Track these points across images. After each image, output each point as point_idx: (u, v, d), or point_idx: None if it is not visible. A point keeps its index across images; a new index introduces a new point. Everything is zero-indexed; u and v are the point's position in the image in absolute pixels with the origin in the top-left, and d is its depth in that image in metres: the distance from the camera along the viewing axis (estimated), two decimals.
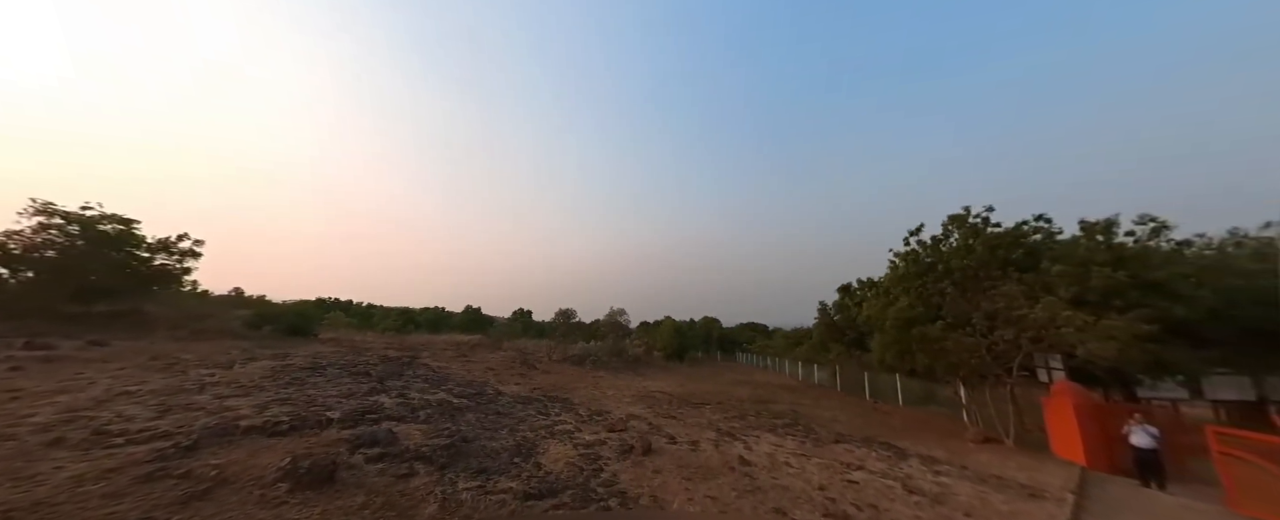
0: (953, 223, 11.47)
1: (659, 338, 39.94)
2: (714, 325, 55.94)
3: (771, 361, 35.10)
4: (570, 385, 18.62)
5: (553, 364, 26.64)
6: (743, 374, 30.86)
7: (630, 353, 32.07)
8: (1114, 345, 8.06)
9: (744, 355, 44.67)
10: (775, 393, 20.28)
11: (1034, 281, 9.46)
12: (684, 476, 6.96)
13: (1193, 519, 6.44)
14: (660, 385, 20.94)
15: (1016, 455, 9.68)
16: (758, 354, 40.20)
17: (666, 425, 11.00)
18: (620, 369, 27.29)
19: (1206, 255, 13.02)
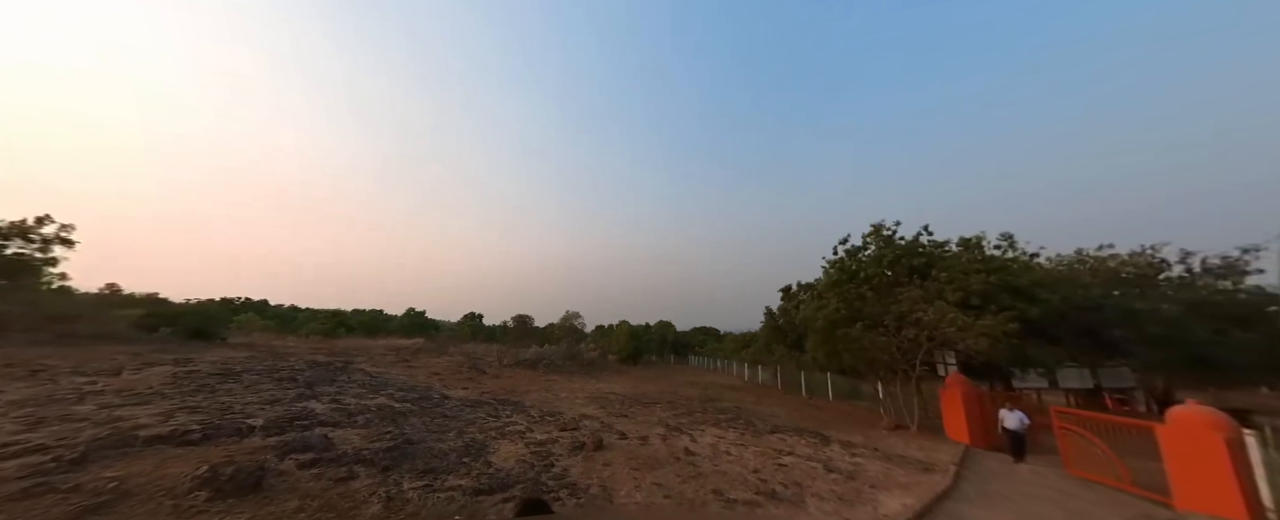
0: (871, 234, 13.12)
1: (615, 341, 40.18)
2: (669, 329, 57.23)
3: (721, 363, 36.74)
4: (522, 389, 18.30)
5: (504, 368, 25.89)
6: (694, 375, 32.01)
7: (585, 356, 31.98)
8: (986, 341, 9.77)
9: (696, 358, 46.21)
10: (722, 392, 21.38)
11: (930, 287, 11.16)
12: (632, 468, 7.34)
13: (1039, 481, 7.99)
14: (614, 387, 21.21)
15: (919, 438, 11.23)
16: (709, 356, 41.82)
17: (618, 423, 11.33)
18: (575, 372, 27.16)
19: (1058, 269, 16.05)
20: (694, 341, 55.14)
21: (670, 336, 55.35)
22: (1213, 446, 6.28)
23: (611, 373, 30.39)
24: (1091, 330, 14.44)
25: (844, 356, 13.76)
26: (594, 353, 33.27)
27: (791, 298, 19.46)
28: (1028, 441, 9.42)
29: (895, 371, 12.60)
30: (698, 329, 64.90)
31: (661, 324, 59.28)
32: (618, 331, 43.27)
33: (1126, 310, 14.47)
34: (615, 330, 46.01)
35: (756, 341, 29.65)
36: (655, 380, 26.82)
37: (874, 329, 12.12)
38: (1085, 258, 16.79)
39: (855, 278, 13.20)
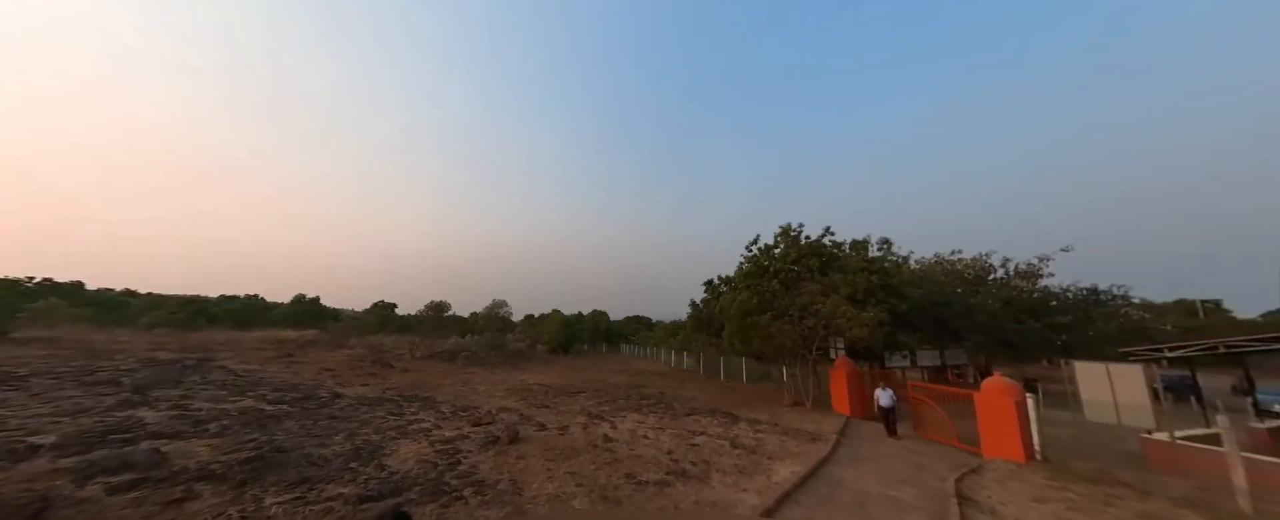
0: (780, 234, 14.53)
1: (545, 331, 39.11)
2: (602, 319, 57.37)
3: (650, 351, 37.96)
4: (434, 383, 16.92)
5: (416, 361, 23.67)
6: (623, 364, 32.63)
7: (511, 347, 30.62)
8: (867, 329, 11.48)
9: (628, 346, 47.15)
10: (649, 379, 22.12)
11: (826, 283, 12.75)
12: (548, 459, 7.22)
13: (897, 444, 9.64)
14: (539, 378, 20.67)
15: (812, 413, 12.83)
16: (640, 345, 42.93)
17: (539, 414, 11.07)
18: (499, 364, 25.88)
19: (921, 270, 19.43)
20: (627, 331, 56.11)
21: (604, 326, 55.57)
22: (1006, 408, 8.16)
23: (539, 363, 29.57)
24: (942, 320, 17.82)
25: (755, 343, 15.12)
26: (521, 343, 32.02)
27: (713, 289, 20.73)
28: (897, 415, 11.05)
29: (797, 355, 14.21)
30: (631, 318, 66.13)
31: (596, 313, 59.18)
32: (549, 321, 42.20)
33: (965, 304, 18.12)
34: (546, 320, 44.82)
35: (683, 330, 31.18)
36: (584, 369, 26.75)
37: (781, 318, 13.47)
38: (941, 261, 20.56)
39: (766, 272, 14.50)
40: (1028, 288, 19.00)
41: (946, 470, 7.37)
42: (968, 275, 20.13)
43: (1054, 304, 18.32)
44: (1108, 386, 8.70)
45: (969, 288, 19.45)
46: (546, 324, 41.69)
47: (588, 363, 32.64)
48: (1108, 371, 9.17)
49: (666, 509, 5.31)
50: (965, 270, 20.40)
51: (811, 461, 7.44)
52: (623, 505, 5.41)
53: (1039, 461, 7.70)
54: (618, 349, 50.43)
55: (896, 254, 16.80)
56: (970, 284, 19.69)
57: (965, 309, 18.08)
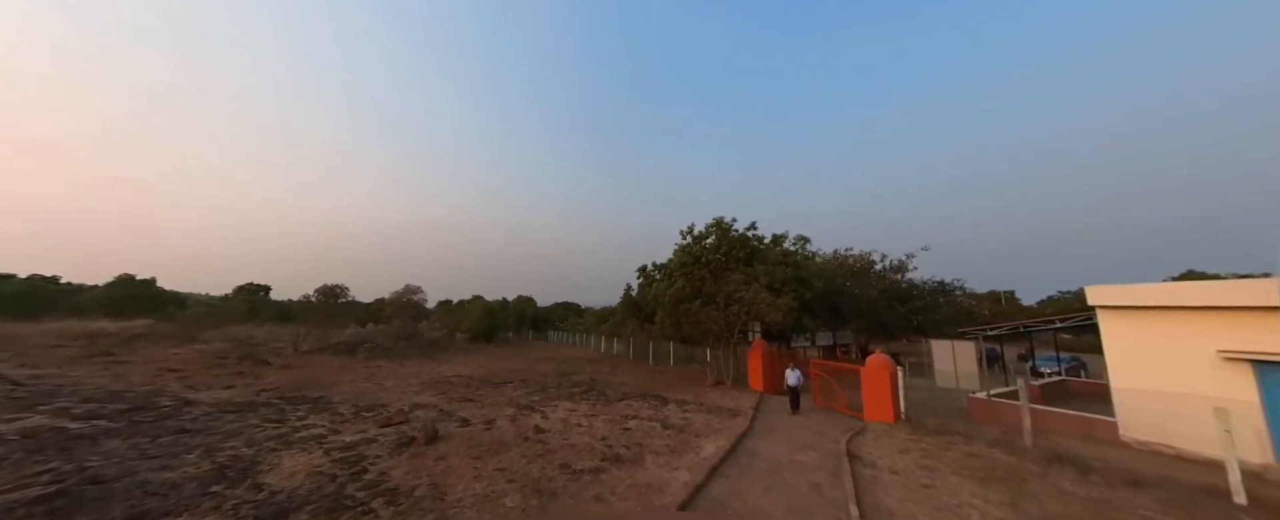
0: (713, 226, 15.43)
1: (466, 318, 36.28)
2: (529, 305, 55.14)
3: (580, 338, 37.72)
4: (328, 380, 14.65)
5: (301, 356, 20.20)
6: (552, 351, 31.93)
7: (425, 336, 27.82)
8: (781, 314, 12.85)
9: (557, 333, 46.17)
10: (579, 365, 22.00)
11: (750, 273, 13.95)
12: (473, 456, 6.74)
13: (802, 415, 11.03)
14: (460, 369, 19.21)
15: (732, 391, 14.02)
16: (569, 331, 42.35)
17: (461, 409, 10.28)
18: (410, 355, 23.36)
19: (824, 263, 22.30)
20: (555, 317, 54.81)
21: (530, 312, 53.49)
22: (882, 379, 9.86)
23: (459, 353, 27.44)
24: (835, 306, 20.78)
25: (685, 327, 15.97)
26: (438, 332, 29.26)
27: (647, 276, 21.25)
28: (802, 393, 11.86)
29: (721, 339, 15.36)
30: (560, 304, 64.67)
31: (522, 299, 56.61)
32: (470, 308, 39.21)
33: (852, 293, 21.36)
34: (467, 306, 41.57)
35: (614, 316, 31.51)
36: (510, 358, 25.55)
37: (709, 305, 14.35)
38: (838, 256, 23.82)
39: (698, 261, 15.30)
40: (898, 280, 23.04)
41: (839, 434, 8.66)
42: (856, 269, 23.67)
43: (914, 293, 22.54)
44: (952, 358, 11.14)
45: (856, 279, 22.91)
46: (467, 311, 38.71)
47: (513, 351, 31.24)
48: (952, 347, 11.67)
49: (598, 508, 5.34)
50: (854, 264, 23.95)
51: (733, 436, 8.14)
52: (558, 498, 5.30)
53: (903, 421, 9.48)
54: (545, 336, 49.15)
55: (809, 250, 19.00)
56: (856, 276, 23.20)
57: (852, 297, 21.30)
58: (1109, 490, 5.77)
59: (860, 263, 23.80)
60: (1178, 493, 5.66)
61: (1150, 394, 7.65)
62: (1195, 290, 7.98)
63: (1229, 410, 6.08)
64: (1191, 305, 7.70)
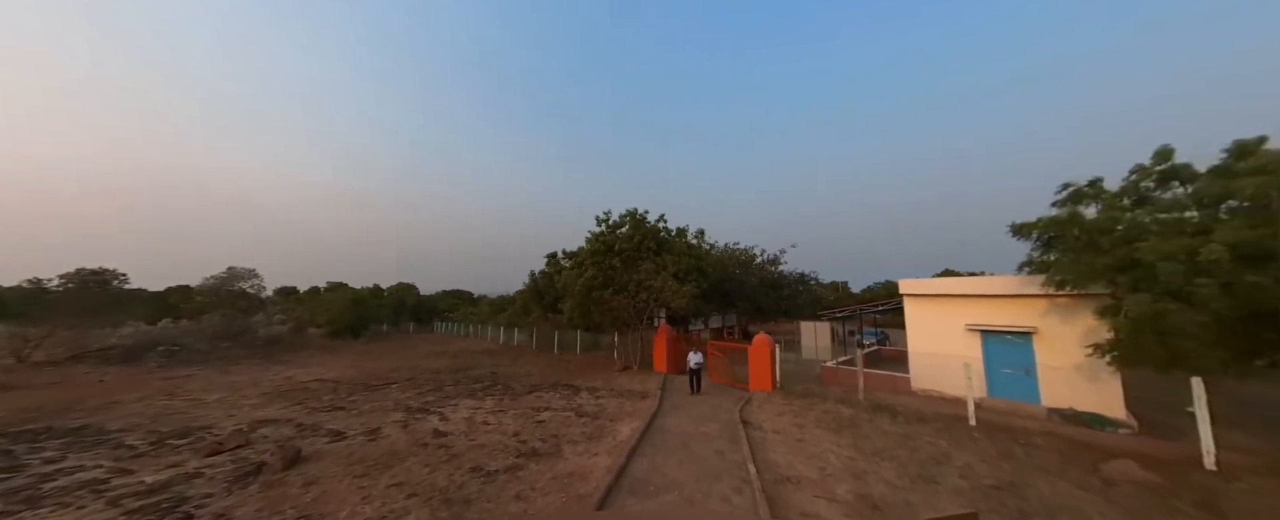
0: (627, 216, 15.79)
1: (325, 310, 29.78)
2: (410, 293, 48.08)
3: (475, 329, 34.66)
4: (99, 400, 10.56)
5: (35, 368, 14.08)
6: (441, 344, 28.64)
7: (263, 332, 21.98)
8: (684, 301, 14.00)
9: (446, 324, 41.43)
10: (477, 358, 20.28)
11: (659, 262, 14.80)
12: (357, 474, 5.75)
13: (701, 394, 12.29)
14: (321, 372, 15.85)
15: (639, 375, 14.76)
16: (462, 322, 38.47)
17: (329, 421, 8.58)
18: (239, 358, 18.20)
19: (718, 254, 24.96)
20: (444, 306, 49.02)
21: (411, 302, 46.73)
22: (764, 355, 11.65)
23: (317, 352, 22.52)
24: (726, 292, 23.52)
25: (595, 315, 16.08)
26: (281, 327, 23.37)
27: (555, 264, 20.58)
28: (705, 375, 11.98)
29: (629, 325, 15.94)
30: (449, 293, 58.03)
31: (401, 287, 49.05)
32: (332, 297, 32.31)
33: (738, 281, 24.48)
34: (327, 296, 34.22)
35: (515, 304, 29.75)
36: (389, 355, 22.06)
37: (620, 293, 14.72)
38: (730, 249, 26.90)
39: (612, 249, 15.49)
40: (773, 271, 27.22)
41: (732, 405, 9.96)
42: (742, 260, 27.12)
43: (784, 282, 27.01)
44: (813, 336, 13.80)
45: (742, 269, 26.28)
46: (327, 301, 31.83)
47: (393, 347, 27.03)
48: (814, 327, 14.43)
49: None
50: (741, 256, 27.40)
51: (646, 417, 8.65)
52: (473, 504, 4.92)
53: (779, 389, 11.40)
54: (431, 329, 43.70)
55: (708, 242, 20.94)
56: (742, 266, 26.62)
57: (739, 284, 24.42)
58: (908, 426, 8.01)
59: (745, 255, 27.33)
60: (944, 422, 8.19)
61: (930, 356, 10.82)
62: (955, 284, 11.52)
63: (969, 364, 9.01)
64: (953, 294, 11.09)
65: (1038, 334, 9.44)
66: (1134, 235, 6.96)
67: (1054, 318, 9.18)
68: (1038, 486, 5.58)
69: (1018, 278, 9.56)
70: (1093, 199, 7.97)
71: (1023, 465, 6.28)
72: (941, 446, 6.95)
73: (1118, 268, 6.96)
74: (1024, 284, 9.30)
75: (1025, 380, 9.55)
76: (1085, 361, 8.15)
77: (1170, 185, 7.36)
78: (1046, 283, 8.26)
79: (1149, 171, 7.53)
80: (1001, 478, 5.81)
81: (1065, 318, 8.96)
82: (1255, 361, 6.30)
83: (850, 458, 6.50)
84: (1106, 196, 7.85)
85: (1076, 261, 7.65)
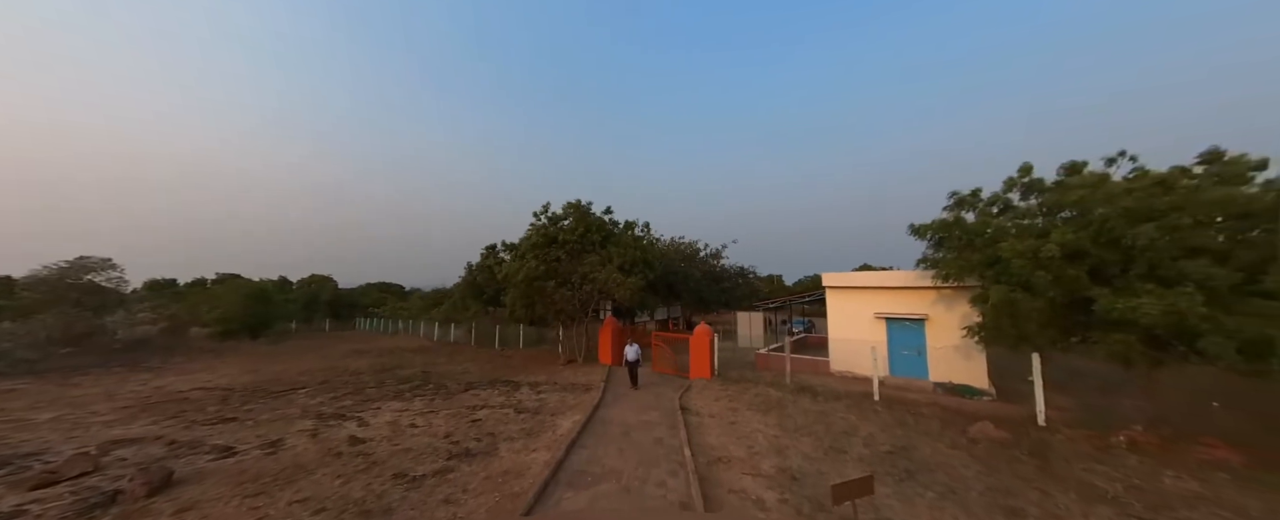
0: (571, 207, 15.48)
1: (214, 305, 25.38)
2: (326, 286, 42.73)
3: (406, 325, 31.87)
4: None
5: None
6: (364, 342, 25.94)
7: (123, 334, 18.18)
8: (630, 293, 14.15)
9: (371, 321, 37.55)
10: (406, 357, 18.71)
11: (605, 254, 14.77)
12: (250, 494, 5.04)
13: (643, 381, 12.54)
14: (206, 379, 13.56)
15: (584, 367, 14.67)
16: (390, 318, 35.13)
17: (214, 435, 7.41)
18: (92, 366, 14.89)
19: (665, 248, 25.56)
20: (368, 301, 44.35)
21: (327, 296, 41.59)
22: (704, 345, 12.23)
23: (200, 356, 19.19)
24: (671, 284, 24.19)
25: (537, 308, 15.62)
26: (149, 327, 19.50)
27: (495, 256, 19.55)
28: (640, 366, 11.41)
29: (573, 318, 15.74)
30: (374, 285, 52.63)
31: (314, 279, 43.45)
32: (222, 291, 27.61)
33: (683, 274, 25.32)
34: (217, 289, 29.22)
35: (451, 298, 27.84)
36: (298, 356, 19.50)
37: (564, 285, 14.45)
38: (676, 243, 27.64)
39: (555, 241, 15.11)
40: (716, 264, 28.53)
41: (673, 392, 10.32)
42: (687, 254, 28.04)
43: (725, 275, 28.47)
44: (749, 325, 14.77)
45: (687, 262, 27.20)
46: (218, 295, 27.13)
47: (304, 346, 23.91)
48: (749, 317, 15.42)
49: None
50: (686, 250, 28.32)
51: (588, 409, 8.64)
52: (395, 513, 4.57)
53: (717, 376, 12.04)
54: (353, 326, 39.39)
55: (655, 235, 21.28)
56: (687, 259, 27.56)
57: (684, 277, 25.26)
58: (826, 404, 8.93)
59: (690, 249, 28.28)
60: (854, 399, 9.25)
61: (845, 341, 12.14)
62: (867, 277, 13.04)
63: (875, 347, 10.27)
64: (865, 286, 12.53)
65: (929, 320, 11.03)
66: (998, 236, 8.37)
67: (941, 306, 10.78)
68: (922, 448, 6.56)
69: (915, 272, 11.04)
70: (972, 206, 9.44)
71: (912, 431, 7.34)
72: (851, 420, 7.87)
73: (986, 263, 8.34)
74: (919, 278, 10.77)
75: (918, 359, 11.14)
76: (962, 342, 9.70)
77: (1027, 196, 8.96)
78: (936, 276, 9.65)
79: (1013, 183, 9.08)
80: (895, 443, 6.74)
81: (949, 306, 10.56)
82: (1072, 339, 7.97)
83: (775, 436, 7.10)
84: (981, 204, 9.34)
85: (958, 258, 9.02)
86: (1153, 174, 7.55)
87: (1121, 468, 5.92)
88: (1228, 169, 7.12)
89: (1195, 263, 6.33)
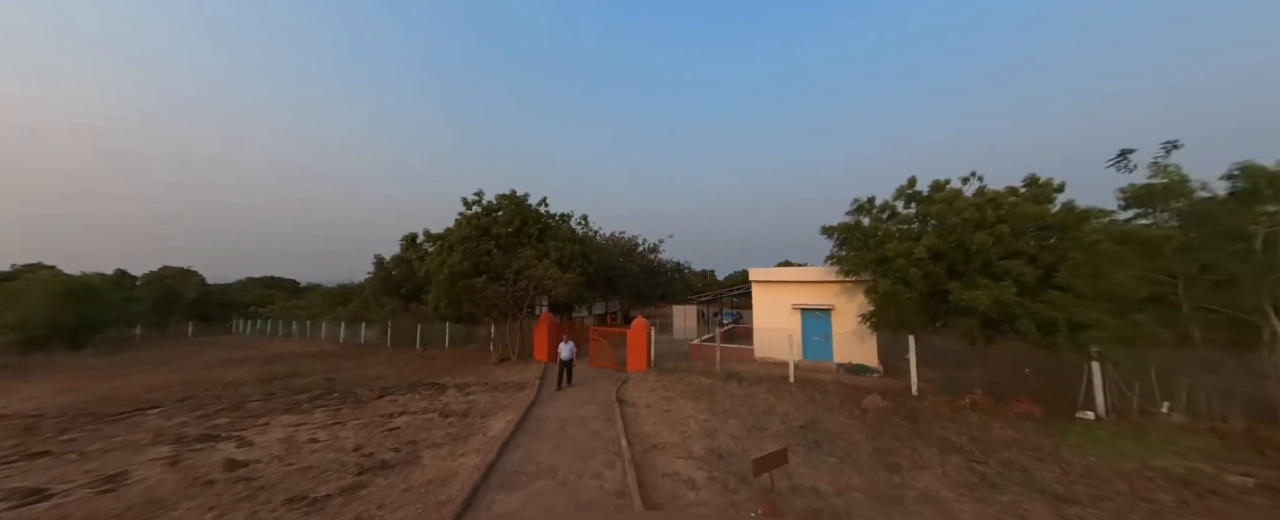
0: (507, 199, 14.70)
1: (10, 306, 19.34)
2: (187, 281, 35.02)
3: (300, 326, 27.52)
4: None
5: None
6: (244, 348, 21.86)
7: None
8: (567, 288, 13.93)
9: (254, 323, 31.69)
10: (303, 363, 16.22)
11: (541, 248, 14.32)
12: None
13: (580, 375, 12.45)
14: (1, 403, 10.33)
15: (518, 365, 14.09)
16: (281, 319, 29.99)
17: (16, 477, 5.75)
18: None
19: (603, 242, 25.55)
20: (248, 299, 37.36)
21: (191, 294, 34.12)
22: (641, 338, 12.56)
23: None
24: (609, 279, 24.30)
25: (466, 305, 14.60)
26: None
27: (416, 248, 17.76)
28: (572, 368, 10.71)
29: (507, 315, 15.03)
30: (259, 281, 44.51)
31: (169, 273, 35.37)
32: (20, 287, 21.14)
33: (622, 269, 25.61)
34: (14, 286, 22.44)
35: (361, 295, 24.68)
36: (143, 369, 15.79)
37: (497, 281, 13.70)
38: (615, 237, 27.77)
39: (487, 234, 14.23)
40: (653, 259, 29.31)
41: (611, 386, 10.45)
42: (626, 248, 28.38)
43: (663, 270, 29.41)
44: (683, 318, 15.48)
45: (625, 257, 27.54)
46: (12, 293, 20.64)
47: (155, 356, 19.40)
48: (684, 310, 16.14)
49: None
50: (625, 244, 28.64)
51: (522, 408, 8.37)
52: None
53: (653, 368, 12.45)
54: (229, 329, 32.91)
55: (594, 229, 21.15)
56: (626, 254, 27.91)
57: (623, 271, 25.55)
58: (749, 388, 9.77)
59: (629, 244, 28.67)
60: (774, 382, 10.25)
61: (767, 330, 13.40)
62: (786, 272, 14.50)
63: (791, 335, 11.49)
64: (785, 280, 13.93)
65: (835, 309, 12.64)
66: (886, 239, 9.90)
67: (844, 297, 12.41)
68: (826, 421, 7.55)
69: (824, 268, 12.55)
70: (868, 212, 11.00)
71: (819, 407, 8.39)
72: (770, 401, 8.74)
73: (877, 261, 9.82)
74: (827, 273, 12.27)
75: (826, 344, 12.72)
76: (859, 328, 11.30)
77: (909, 205, 10.69)
78: (840, 271, 11.10)
79: (900, 194, 10.77)
80: (806, 418, 7.66)
81: (850, 297, 12.21)
82: (937, 323, 9.78)
83: (706, 420, 7.61)
84: (875, 211, 10.93)
85: (856, 256, 10.48)
86: (989, 192, 9.51)
87: (966, 424, 7.45)
88: (1039, 191, 9.27)
89: (1013, 263, 8.16)
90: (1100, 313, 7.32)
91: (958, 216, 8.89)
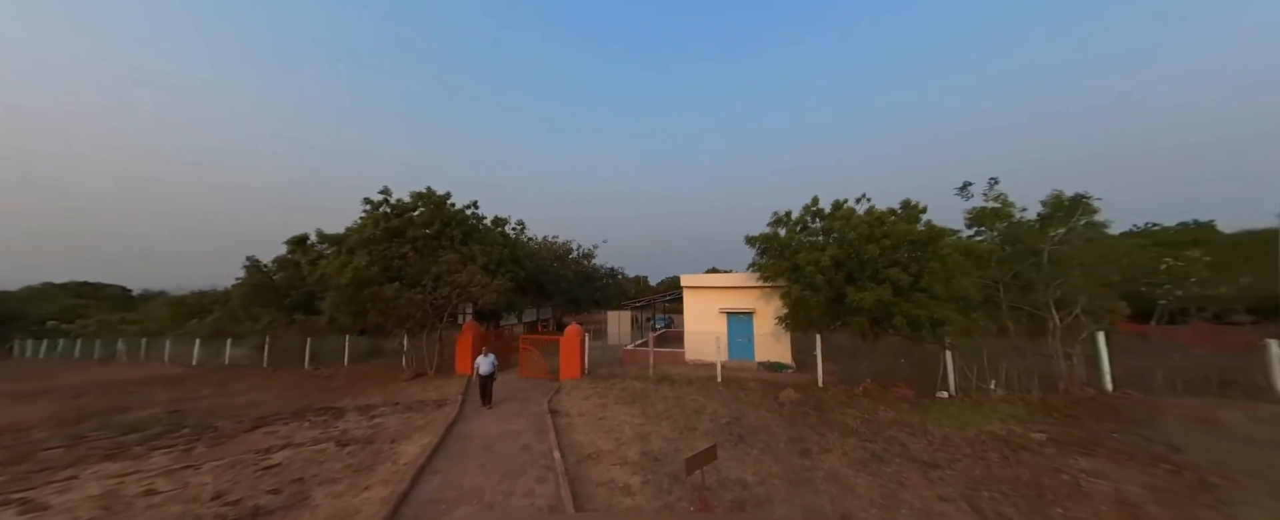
0: (423, 198, 13.35)
1: None
2: None
3: (131, 345, 21.58)
4: None
5: None
6: (36, 378, 16.40)
7: None
8: (495, 295, 13.09)
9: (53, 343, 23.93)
10: (135, 393, 12.73)
11: (466, 252, 13.27)
12: None
13: (509, 388, 11.73)
14: None
15: (436, 380, 12.76)
16: (97, 337, 23.13)
17: None
18: None
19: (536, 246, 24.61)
20: (45, 312, 28.24)
21: None
22: (574, 346, 12.30)
23: None
24: (541, 285, 23.44)
25: (372, 314, 12.86)
26: None
27: (307, 250, 15.16)
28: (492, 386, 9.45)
29: (423, 325, 13.57)
30: (59, 287, 34.00)
31: None
32: None
33: (555, 274, 24.92)
34: None
35: (226, 305, 20.23)
36: None
37: (413, 287, 12.32)
38: (548, 242, 26.93)
39: (399, 235, 12.73)
40: (587, 264, 29.02)
41: (542, 396, 10.01)
42: (560, 253, 27.69)
43: (597, 276, 29.26)
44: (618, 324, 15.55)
45: (559, 262, 26.85)
46: None
47: None
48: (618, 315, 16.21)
49: None
50: (558, 249, 27.93)
51: (442, 428, 7.59)
52: None
53: (587, 375, 12.25)
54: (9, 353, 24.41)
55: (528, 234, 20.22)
56: (559, 259, 27.23)
57: (556, 277, 24.84)
58: (681, 390, 10.14)
59: (563, 249, 28.00)
60: (703, 383, 10.78)
61: (697, 333, 14.11)
62: (714, 278, 15.50)
63: (718, 337, 12.24)
64: (712, 286, 14.86)
65: (756, 313, 13.79)
66: (798, 249, 11.14)
67: (763, 301, 13.62)
68: (749, 416, 8.17)
69: (746, 274, 13.65)
70: (785, 224, 12.28)
71: (743, 403, 9.05)
72: (700, 401, 9.17)
73: (790, 268, 11.00)
74: (749, 279, 13.37)
75: (748, 345, 13.79)
76: (776, 329, 12.47)
77: (815, 220, 12.19)
78: (760, 277, 12.18)
79: (809, 209, 12.21)
80: (732, 415, 8.19)
81: (769, 301, 13.43)
82: (837, 323, 11.27)
83: (640, 424, 7.70)
84: (790, 223, 12.25)
85: (774, 264, 11.61)
86: (876, 212, 11.30)
87: (860, 409, 8.65)
88: (910, 212, 11.26)
89: (892, 270, 9.79)
90: (951, 311, 9.14)
91: (854, 231, 10.39)
